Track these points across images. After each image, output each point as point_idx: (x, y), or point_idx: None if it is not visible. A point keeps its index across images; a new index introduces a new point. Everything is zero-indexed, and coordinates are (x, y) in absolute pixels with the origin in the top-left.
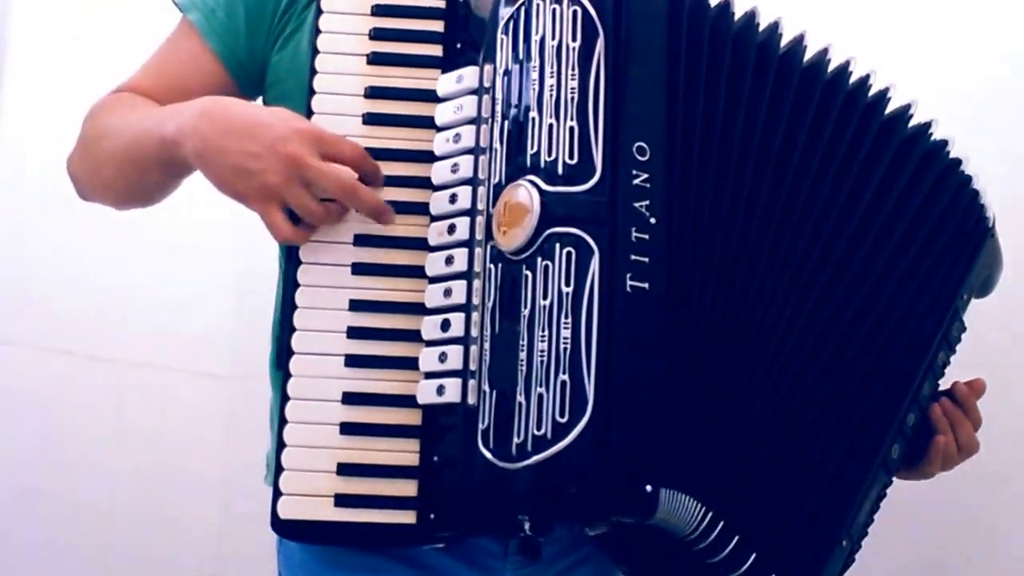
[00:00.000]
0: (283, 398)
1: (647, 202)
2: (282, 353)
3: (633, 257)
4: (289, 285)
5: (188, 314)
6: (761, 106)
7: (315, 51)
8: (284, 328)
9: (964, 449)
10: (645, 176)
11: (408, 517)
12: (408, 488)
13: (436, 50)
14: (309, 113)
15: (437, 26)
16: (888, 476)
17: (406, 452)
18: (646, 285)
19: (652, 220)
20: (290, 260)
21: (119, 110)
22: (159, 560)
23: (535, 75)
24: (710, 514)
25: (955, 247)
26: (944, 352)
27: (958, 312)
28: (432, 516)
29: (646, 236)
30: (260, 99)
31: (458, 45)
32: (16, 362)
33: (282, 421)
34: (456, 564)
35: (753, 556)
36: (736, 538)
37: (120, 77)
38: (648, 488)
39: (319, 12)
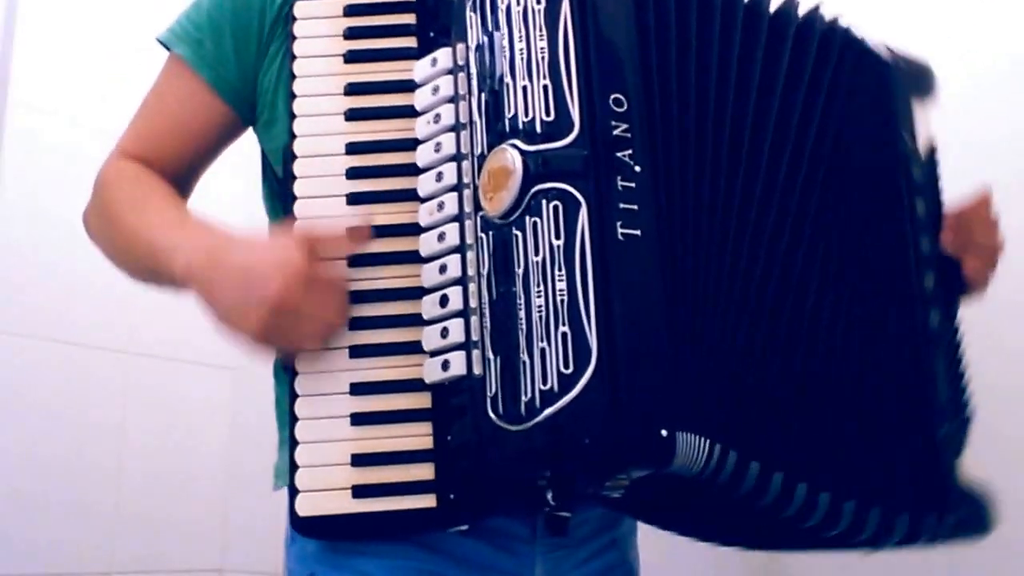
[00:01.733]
0: (292, 396)
1: (630, 151)
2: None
3: (622, 206)
4: None
5: (193, 306)
6: (733, 46)
7: (292, 56)
8: None
9: (991, 250)
10: (625, 126)
11: (428, 501)
12: (425, 472)
13: (411, 42)
14: (291, 117)
15: (409, 19)
16: (943, 309)
17: (419, 436)
18: (638, 232)
19: (637, 168)
20: None
21: (130, 201)
22: (164, 548)
23: (505, 43)
24: (721, 448)
25: (873, 100)
26: (921, 199)
27: (911, 157)
28: (452, 497)
29: (632, 184)
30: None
31: (431, 34)
32: (22, 353)
33: (293, 419)
34: (485, 549)
35: (781, 476)
36: (756, 464)
37: (126, 71)
38: (664, 433)
39: (292, 19)
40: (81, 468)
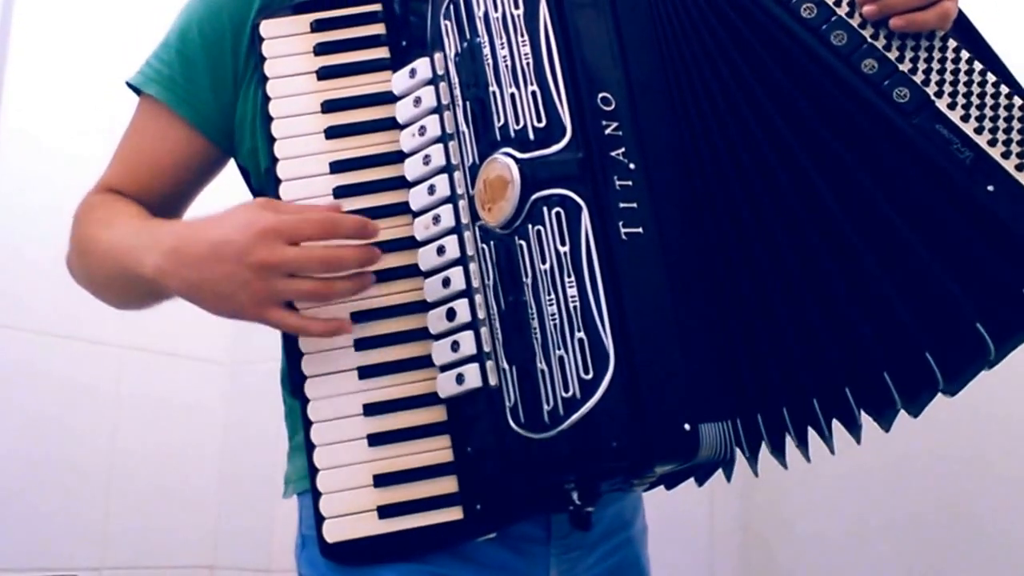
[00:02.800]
0: (306, 424)
1: (623, 149)
2: (295, 380)
3: (622, 205)
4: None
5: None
6: (708, 32)
7: (264, 78)
8: (292, 355)
9: None
10: (615, 125)
11: (455, 514)
12: (448, 485)
13: (383, 53)
14: (270, 140)
15: (378, 29)
16: (903, 80)
17: (438, 450)
18: (640, 229)
19: (631, 166)
20: None
21: (98, 221)
22: (156, 544)
23: (487, 50)
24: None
25: None
26: (804, 3)
27: None
28: (479, 507)
29: (629, 182)
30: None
31: (403, 43)
32: (18, 346)
33: (310, 446)
34: (500, 552)
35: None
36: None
37: (122, 63)
38: (687, 427)
39: (260, 40)
40: (74, 463)
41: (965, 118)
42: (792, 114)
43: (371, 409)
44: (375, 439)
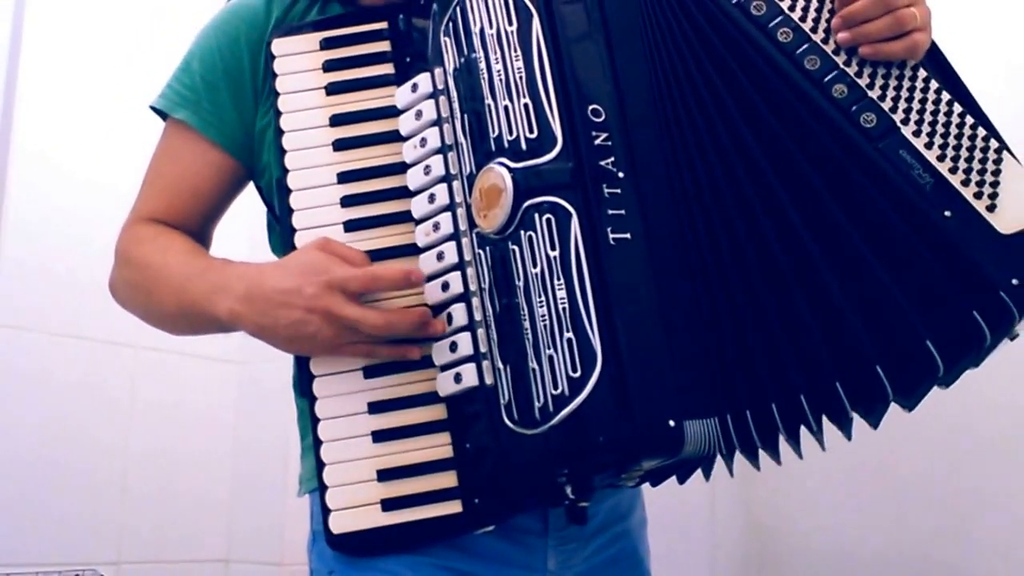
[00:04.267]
0: (313, 420)
1: (612, 158)
2: (303, 379)
3: (610, 212)
4: None
5: None
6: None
7: (275, 93)
8: (301, 357)
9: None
10: (605, 135)
11: (454, 507)
12: (448, 480)
13: (388, 68)
14: (281, 152)
15: (384, 46)
16: (872, 106)
17: (439, 446)
18: (628, 235)
19: (620, 174)
20: None
21: (153, 260)
22: (172, 539)
23: (482, 65)
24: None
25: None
26: (780, 27)
27: (742, 4)
28: (477, 501)
29: (618, 190)
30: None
31: (407, 59)
32: (34, 346)
33: (316, 442)
34: (500, 544)
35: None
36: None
37: (133, 71)
38: (672, 423)
39: (272, 58)
40: (89, 460)
41: (929, 145)
42: (764, 132)
43: (375, 407)
44: (379, 435)
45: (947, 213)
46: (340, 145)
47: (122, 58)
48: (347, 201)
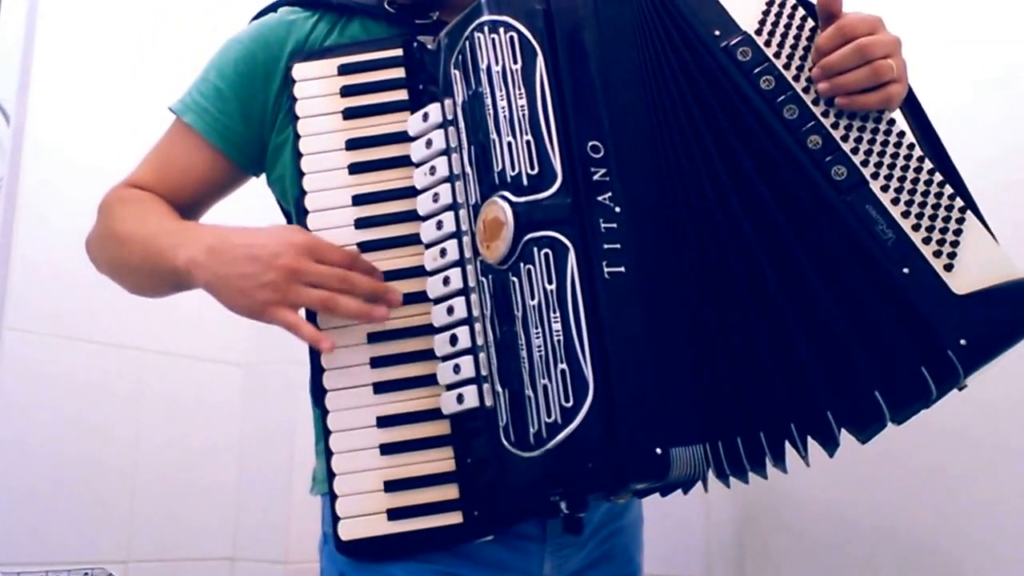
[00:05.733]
0: (325, 432)
1: (609, 194)
2: (316, 392)
3: (606, 246)
4: None
5: (207, 303)
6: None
7: (295, 117)
8: (315, 370)
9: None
10: (603, 171)
11: (455, 518)
12: (450, 492)
13: (402, 94)
14: (300, 174)
15: (399, 73)
16: (842, 159)
17: (442, 460)
18: (622, 269)
19: (617, 209)
20: (307, 311)
21: (132, 216)
22: (178, 538)
23: (488, 100)
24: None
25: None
26: (762, 74)
27: (729, 50)
28: (477, 512)
29: (614, 225)
30: (263, 175)
31: (420, 86)
32: (42, 350)
33: (328, 453)
34: (500, 550)
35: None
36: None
37: (144, 70)
38: (658, 451)
39: (292, 82)
40: (98, 461)
41: (895, 201)
42: (740, 178)
43: (384, 421)
44: (387, 448)
45: (905, 270)
46: (355, 169)
47: (134, 63)
48: (360, 223)
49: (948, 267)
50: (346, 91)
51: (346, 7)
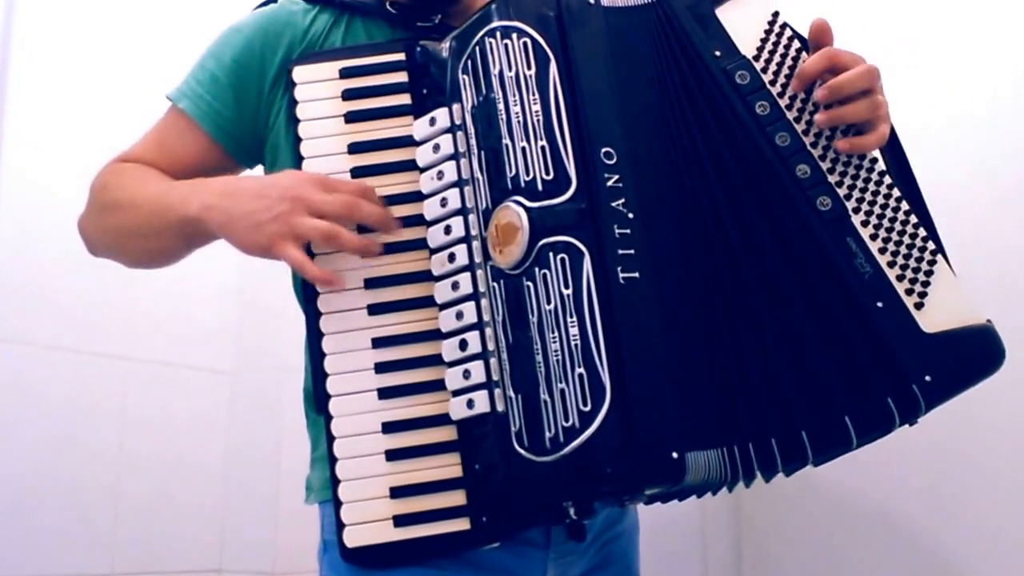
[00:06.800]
0: (329, 439)
1: (623, 200)
2: (320, 398)
3: (620, 252)
4: (314, 336)
5: (191, 311)
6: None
7: (296, 120)
8: (317, 375)
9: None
10: (616, 177)
11: (463, 524)
12: (457, 498)
13: (405, 99)
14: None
15: (401, 77)
16: (828, 190)
17: (449, 466)
18: (636, 274)
19: (630, 215)
20: (310, 315)
21: (133, 182)
22: (164, 549)
23: (500, 105)
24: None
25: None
26: (758, 99)
27: (729, 70)
28: (484, 519)
29: (628, 231)
30: (260, 168)
31: (424, 91)
32: (24, 360)
33: (332, 459)
34: (503, 556)
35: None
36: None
37: (125, 77)
38: (675, 455)
39: (292, 85)
40: (83, 473)
41: (874, 237)
42: (733, 196)
43: (389, 427)
44: (392, 455)
45: (880, 304)
46: (357, 173)
47: (113, 72)
48: (364, 227)
49: (919, 305)
50: (348, 95)
51: (347, 5)
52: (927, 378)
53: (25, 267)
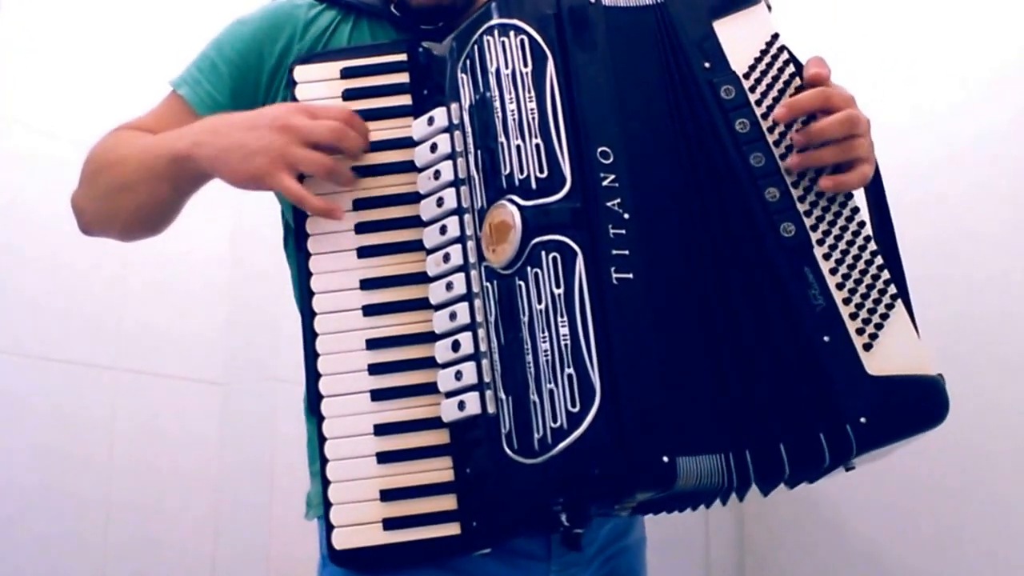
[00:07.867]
0: (320, 439)
1: (618, 200)
2: (312, 399)
3: (614, 252)
4: (309, 336)
5: (182, 321)
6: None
7: None
8: (310, 376)
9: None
10: (612, 177)
11: (453, 529)
12: (448, 503)
13: (406, 99)
14: (301, 176)
15: (403, 78)
16: (794, 217)
17: (441, 470)
18: (630, 275)
19: (625, 215)
20: (305, 314)
21: (125, 142)
22: (156, 558)
23: (497, 104)
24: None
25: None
26: (739, 116)
27: (714, 84)
28: (474, 524)
29: (623, 231)
30: None
31: (425, 91)
32: (14, 370)
33: (323, 460)
34: (502, 568)
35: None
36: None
37: (113, 81)
38: (665, 459)
39: (294, 84)
40: (72, 485)
41: (834, 271)
42: (704, 206)
43: (381, 429)
44: (383, 457)
45: (826, 338)
46: (358, 172)
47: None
48: (361, 228)
49: (867, 346)
50: (348, 95)
51: (352, 5)
52: (862, 419)
53: (15, 278)
